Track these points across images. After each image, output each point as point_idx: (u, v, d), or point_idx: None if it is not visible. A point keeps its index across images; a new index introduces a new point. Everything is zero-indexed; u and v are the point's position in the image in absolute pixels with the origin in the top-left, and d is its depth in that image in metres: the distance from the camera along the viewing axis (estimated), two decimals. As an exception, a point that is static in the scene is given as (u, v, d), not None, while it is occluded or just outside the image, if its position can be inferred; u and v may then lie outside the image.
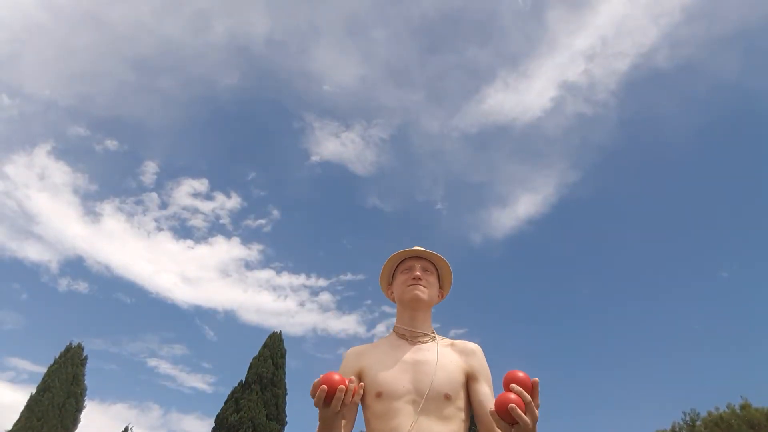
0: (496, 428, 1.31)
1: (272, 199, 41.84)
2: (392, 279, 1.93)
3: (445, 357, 1.66)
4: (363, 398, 1.64)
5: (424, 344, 1.73)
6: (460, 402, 1.59)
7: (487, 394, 1.61)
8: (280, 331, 25.59)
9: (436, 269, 1.91)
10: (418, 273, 1.82)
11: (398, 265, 1.92)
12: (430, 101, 43.33)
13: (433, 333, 1.79)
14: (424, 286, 1.80)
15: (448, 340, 1.78)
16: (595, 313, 39.13)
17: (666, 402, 32.55)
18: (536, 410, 1.21)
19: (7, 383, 29.06)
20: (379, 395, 1.59)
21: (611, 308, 39.29)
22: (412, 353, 1.68)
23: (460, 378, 1.63)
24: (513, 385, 1.22)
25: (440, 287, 1.92)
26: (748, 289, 35.53)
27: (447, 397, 1.55)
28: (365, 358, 1.72)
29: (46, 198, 34.93)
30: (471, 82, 42.69)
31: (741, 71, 36.05)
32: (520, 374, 1.25)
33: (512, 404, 1.17)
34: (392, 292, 1.92)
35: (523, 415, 1.18)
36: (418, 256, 1.90)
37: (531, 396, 1.22)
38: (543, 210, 40.30)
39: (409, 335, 1.76)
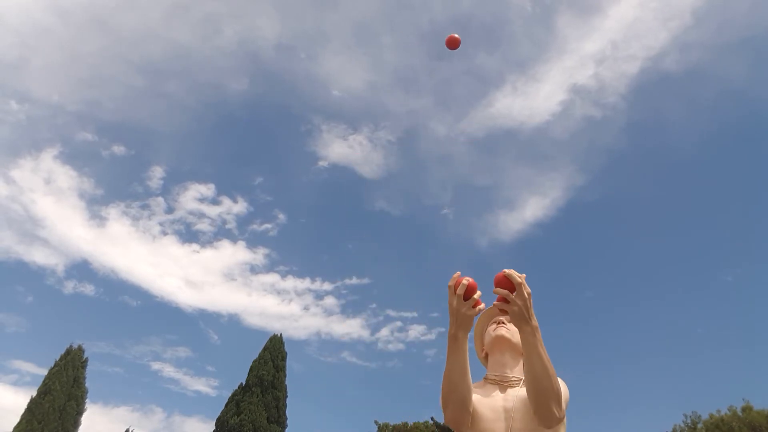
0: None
1: (278, 204, 41.94)
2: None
3: (521, 401, 1.63)
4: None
5: (513, 390, 1.70)
6: None
7: None
8: (281, 334, 25.67)
9: None
10: (502, 318, 1.84)
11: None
12: (437, 106, 43.35)
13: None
14: (509, 329, 1.80)
15: None
16: (599, 315, 39.04)
17: (667, 404, 32.35)
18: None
19: (10, 386, 29.26)
20: None
21: (615, 311, 39.20)
22: (503, 400, 1.67)
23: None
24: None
25: None
26: (751, 292, 35.32)
27: None
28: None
29: (52, 202, 35.24)
30: (479, 86, 42.70)
31: (749, 77, 35.94)
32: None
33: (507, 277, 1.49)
34: (483, 350, 1.93)
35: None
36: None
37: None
38: (550, 213, 40.23)
39: (500, 380, 1.75)
